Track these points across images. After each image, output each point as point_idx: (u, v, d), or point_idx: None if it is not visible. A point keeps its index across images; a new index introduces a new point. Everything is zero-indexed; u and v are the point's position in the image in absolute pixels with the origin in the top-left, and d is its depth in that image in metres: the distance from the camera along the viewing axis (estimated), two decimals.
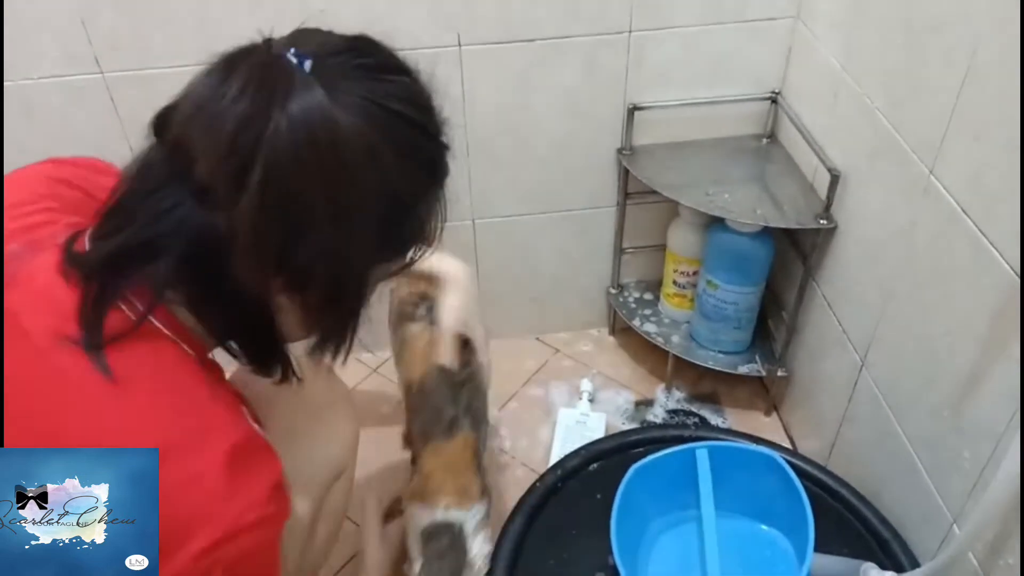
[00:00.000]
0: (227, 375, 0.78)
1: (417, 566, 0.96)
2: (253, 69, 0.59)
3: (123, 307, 0.63)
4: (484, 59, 1.28)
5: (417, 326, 1.09)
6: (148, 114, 1.25)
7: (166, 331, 0.65)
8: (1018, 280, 0.81)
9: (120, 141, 1.27)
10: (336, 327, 0.70)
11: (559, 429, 1.47)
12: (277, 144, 0.57)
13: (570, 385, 1.57)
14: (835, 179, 1.18)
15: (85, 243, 0.65)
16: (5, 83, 1.20)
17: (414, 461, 1.05)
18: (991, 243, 0.85)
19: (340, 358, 0.72)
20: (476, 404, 1.05)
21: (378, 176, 0.62)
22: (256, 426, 0.69)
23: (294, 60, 0.60)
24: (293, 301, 0.66)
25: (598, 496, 1.13)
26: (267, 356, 0.71)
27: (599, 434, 1.42)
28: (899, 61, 1.02)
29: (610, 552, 0.99)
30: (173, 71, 1.22)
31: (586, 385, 1.54)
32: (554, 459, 1.32)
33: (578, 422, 1.47)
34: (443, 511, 0.96)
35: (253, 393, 0.85)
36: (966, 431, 0.92)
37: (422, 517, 0.97)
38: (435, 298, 1.08)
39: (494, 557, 1.06)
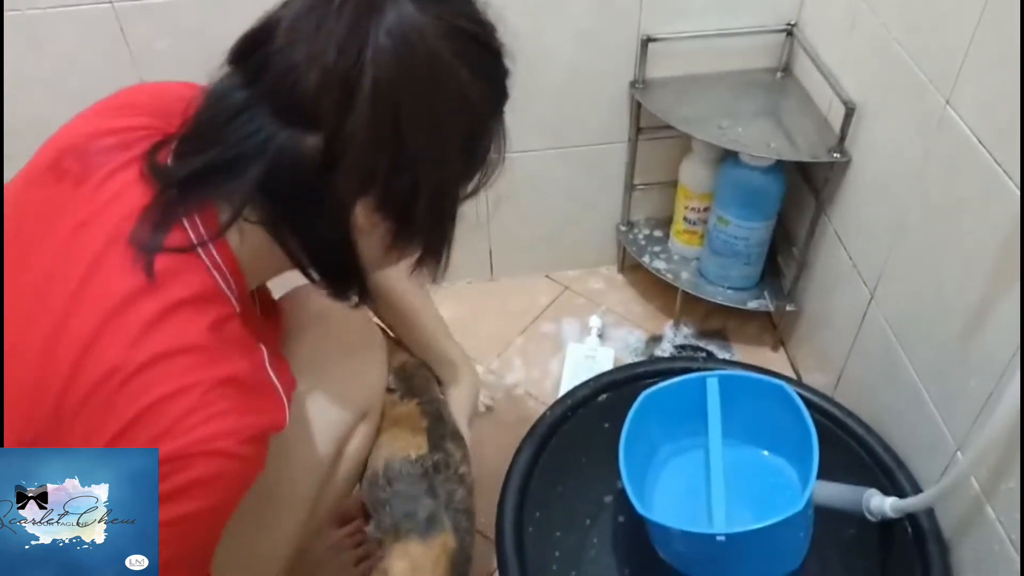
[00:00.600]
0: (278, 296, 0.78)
1: None
2: None
3: (186, 225, 0.63)
4: None
5: (387, 398, 1.01)
6: (159, 44, 1.26)
7: (219, 259, 0.65)
8: None
9: (129, 72, 1.26)
10: (435, 246, 0.71)
11: (568, 364, 1.48)
12: (382, 54, 0.58)
13: (579, 322, 1.58)
14: (850, 112, 1.16)
15: (167, 156, 0.66)
16: (12, 12, 1.19)
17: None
18: (1005, 171, 0.85)
19: (438, 278, 0.74)
20: (459, 497, 0.93)
21: (458, 91, 0.63)
22: (273, 375, 0.68)
23: None
24: (379, 223, 0.66)
25: (606, 426, 1.15)
26: (345, 279, 0.72)
27: (607, 369, 1.43)
28: None
29: (618, 478, 1.01)
30: (184, 0, 1.21)
31: (595, 321, 1.55)
32: (562, 392, 1.34)
33: (587, 357, 1.49)
34: None
35: (295, 319, 0.86)
36: (973, 361, 0.93)
37: None
38: (443, 383, 1.07)
39: (504, 485, 1.09)
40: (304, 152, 0.61)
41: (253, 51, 0.62)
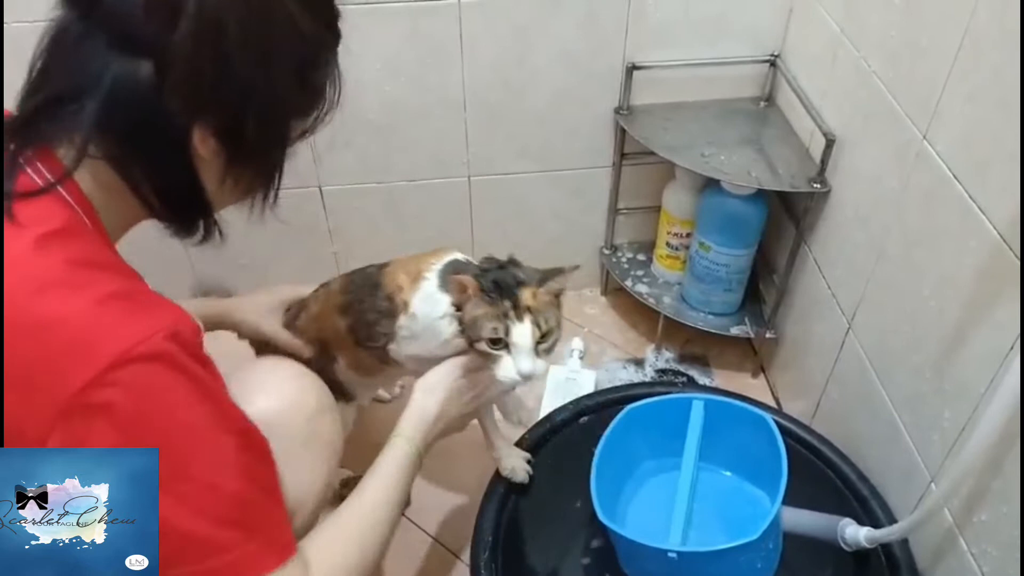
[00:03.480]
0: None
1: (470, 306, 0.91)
2: None
3: (29, 172, 0.64)
4: (483, 11, 1.28)
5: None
6: None
7: (71, 200, 0.66)
8: (1003, 242, 0.82)
9: None
10: (262, 173, 0.73)
11: (549, 386, 1.49)
12: None
13: (562, 344, 1.58)
14: (830, 143, 1.18)
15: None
16: None
17: (370, 323, 1.03)
18: (979, 207, 0.86)
19: (264, 207, 0.75)
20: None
21: (287, 19, 0.66)
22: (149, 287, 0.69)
23: None
24: (217, 150, 0.67)
25: (587, 448, 1.15)
26: (189, 211, 0.72)
27: (589, 391, 1.43)
28: (897, 23, 1.02)
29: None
30: None
31: (577, 344, 1.56)
32: (543, 414, 1.34)
33: (568, 379, 1.49)
34: (438, 263, 0.99)
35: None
36: (948, 391, 0.94)
37: (428, 281, 0.97)
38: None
39: (482, 506, 1.09)
40: (139, 79, 0.62)
41: None
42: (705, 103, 1.42)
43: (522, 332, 0.87)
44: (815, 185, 1.23)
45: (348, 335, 1.07)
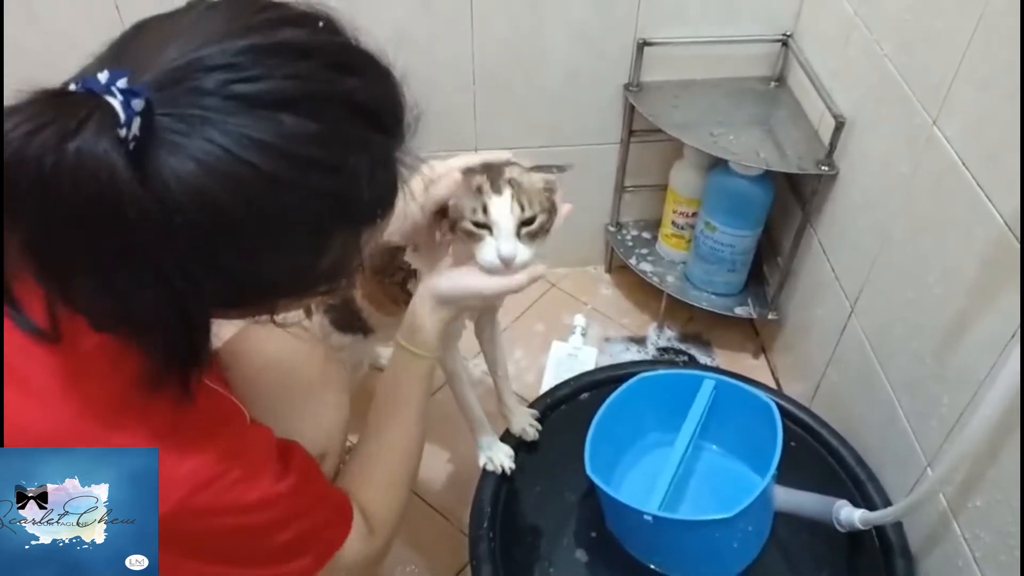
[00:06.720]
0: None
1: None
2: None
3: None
4: None
5: None
6: None
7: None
8: (1009, 231, 0.82)
9: None
10: (160, 368, 0.59)
11: (551, 362, 1.50)
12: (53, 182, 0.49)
13: (564, 320, 1.59)
14: (840, 125, 1.18)
15: None
16: None
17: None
18: (987, 195, 0.86)
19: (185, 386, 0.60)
20: None
21: (214, 241, 0.52)
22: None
23: (118, 97, 0.49)
24: None
25: (586, 423, 1.15)
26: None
27: (590, 368, 1.44)
28: (912, 6, 1.01)
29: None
30: None
31: (579, 320, 1.56)
32: (544, 390, 1.35)
33: (570, 355, 1.50)
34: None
35: (243, 364, 0.83)
36: (947, 378, 0.95)
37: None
38: None
39: (481, 481, 1.10)
40: None
41: None
42: (715, 81, 1.41)
43: (501, 206, 0.80)
44: (823, 168, 1.22)
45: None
